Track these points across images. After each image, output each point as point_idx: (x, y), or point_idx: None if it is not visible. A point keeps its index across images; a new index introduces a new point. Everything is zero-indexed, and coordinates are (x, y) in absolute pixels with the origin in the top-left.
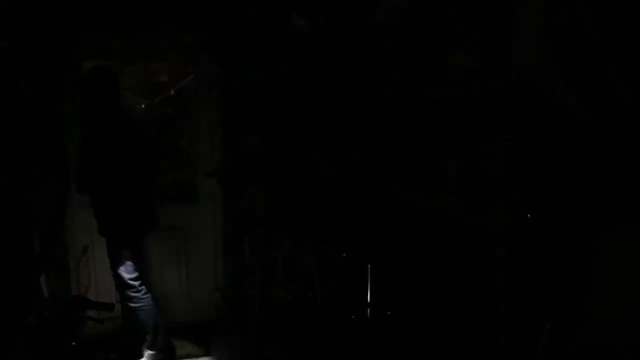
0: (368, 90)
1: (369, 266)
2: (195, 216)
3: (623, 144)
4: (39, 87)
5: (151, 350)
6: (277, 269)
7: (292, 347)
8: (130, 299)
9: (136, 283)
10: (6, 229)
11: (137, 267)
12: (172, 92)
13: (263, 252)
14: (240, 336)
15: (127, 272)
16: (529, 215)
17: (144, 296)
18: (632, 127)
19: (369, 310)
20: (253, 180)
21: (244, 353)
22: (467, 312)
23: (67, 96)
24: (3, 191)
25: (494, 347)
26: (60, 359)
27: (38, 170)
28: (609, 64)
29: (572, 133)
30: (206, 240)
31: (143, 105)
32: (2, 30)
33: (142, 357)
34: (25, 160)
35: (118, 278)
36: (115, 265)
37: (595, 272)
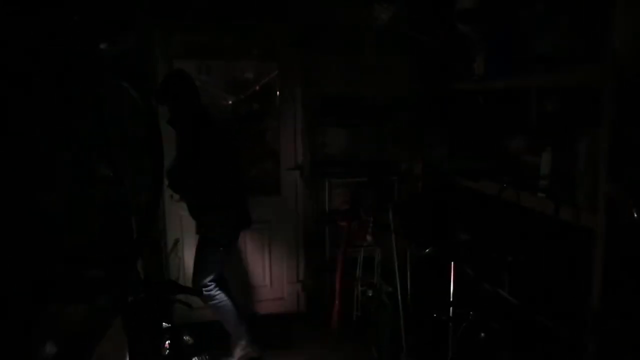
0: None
1: (452, 263)
2: (278, 209)
3: None
4: (138, 88)
5: (238, 345)
6: (357, 263)
7: (372, 341)
8: (205, 298)
9: (212, 284)
10: (110, 217)
11: (221, 266)
12: (257, 88)
13: (344, 246)
14: (322, 328)
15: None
16: (635, 215)
17: (217, 292)
18: None
19: (451, 308)
20: (334, 174)
21: (325, 345)
22: (558, 313)
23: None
24: (108, 182)
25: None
26: (153, 337)
27: (137, 164)
28: None
29: None
30: (289, 233)
31: (230, 102)
32: (100, 33)
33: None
34: (127, 155)
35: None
36: (204, 264)
37: None
